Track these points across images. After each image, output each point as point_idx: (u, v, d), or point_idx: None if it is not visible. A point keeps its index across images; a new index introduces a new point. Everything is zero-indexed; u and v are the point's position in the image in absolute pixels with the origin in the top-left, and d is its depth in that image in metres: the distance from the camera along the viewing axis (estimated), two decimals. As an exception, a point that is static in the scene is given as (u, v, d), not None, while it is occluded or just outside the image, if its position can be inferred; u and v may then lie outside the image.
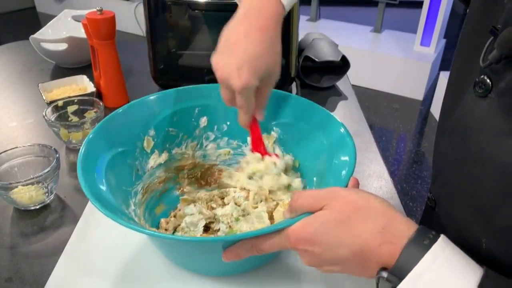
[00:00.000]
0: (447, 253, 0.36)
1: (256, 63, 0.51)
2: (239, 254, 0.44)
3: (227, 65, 0.51)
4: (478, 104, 0.40)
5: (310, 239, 0.39)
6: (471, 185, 0.41)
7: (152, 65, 0.93)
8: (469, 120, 0.41)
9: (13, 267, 0.55)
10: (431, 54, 2.82)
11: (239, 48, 0.51)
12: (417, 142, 2.45)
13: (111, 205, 0.48)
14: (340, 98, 0.99)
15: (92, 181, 0.49)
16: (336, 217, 0.39)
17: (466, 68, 0.45)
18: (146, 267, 0.54)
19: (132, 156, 0.59)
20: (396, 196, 0.68)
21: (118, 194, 0.53)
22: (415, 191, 2.04)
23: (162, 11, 0.88)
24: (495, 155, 0.37)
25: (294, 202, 0.42)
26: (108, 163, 0.53)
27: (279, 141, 0.64)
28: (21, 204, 0.63)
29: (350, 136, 0.53)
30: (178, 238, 0.48)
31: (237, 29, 0.53)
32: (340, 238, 0.38)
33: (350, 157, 0.50)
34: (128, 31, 3.68)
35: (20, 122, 0.88)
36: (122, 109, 0.60)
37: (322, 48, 1.02)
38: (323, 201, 0.40)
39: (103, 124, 0.57)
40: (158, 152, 0.63)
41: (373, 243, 0.37)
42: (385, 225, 0.38)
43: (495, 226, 0.39)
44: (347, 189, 0.42)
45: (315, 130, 0.59)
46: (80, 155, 0.50)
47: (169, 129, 0.64)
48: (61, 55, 1.08)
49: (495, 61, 0.37)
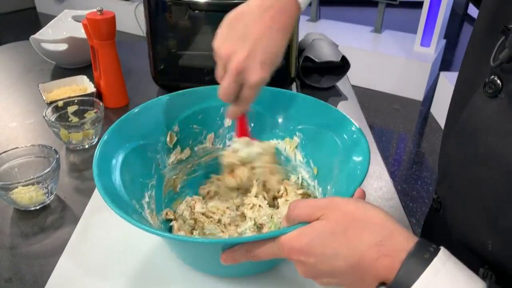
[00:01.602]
0: (448, 267, 0.34)
1: (275, 60, 0.52)
2: (235, 258, 0.44)
3: (249, 57, 0.51)
4: (487, 104, 0.40)
5: (304, 249, 0.39)
6: (479, 185, 0.41)
7: (152, 65, 0.93)
8: (477, 121, 0.41)
9: (13, 268, 0.55)
10: (431, 54, 2.82)
11: (263, 42, 0.51)
12: (417, 143, 2.45)
13: (122, 201, 0.48)
14: (340, 99, 0.99)
15: (107, 175, 0.49)
16: (332, 227, 0.38)
17: (476, 69, 0.44)
18: (146, 267, 0.54)
19: (153, 150, 0.60)
20: (396, 197, 0.68)
21: (133, 186, 0.53)
22: (415, 192, 2.04)
23: (162, 11, 0.88)
24: (504, 155, 0.37)
25: (291, 212, 0.41)
26: (126, 154, 0.54)
27: (301, 146, 0.64)
28: (21, 204, 0.63)
29: (367, 142, 0.52)
30: (179, 238, 0.48)
31: (258, 22, 0.52)
32: (336, 250, 0.37)
33: (362, 167, 0.49)
34: (128, 31, 3.68)
35: (20, 122, 0.88)
36: (144, 105, 0.61)
37: (322, 48, 1.02)
38: (320, 211, 0.39)
39: (126, 117, 0.58)
40: (180, 148, 0.64)
41: (370, 256, 0.36)
42: (383, 237, 0.36)
43: (502, 227, 0.39)
44: (345, 199, 0.41)
45: (336, 138, 0.58)
46: (99, 145, 0.51)
47: (193, 126, 0.65)
48: (61, 55, 1.08)
49: (506, 60, 0.37)
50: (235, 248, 0.43)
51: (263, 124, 0.66)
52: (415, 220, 1.78)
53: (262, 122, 0.66)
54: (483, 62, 0.42)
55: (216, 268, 0.52)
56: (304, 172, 0.63)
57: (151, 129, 0.60)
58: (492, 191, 0.39)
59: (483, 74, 0.41)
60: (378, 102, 2.81)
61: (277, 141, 0.65)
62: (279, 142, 0.65)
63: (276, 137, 0.66)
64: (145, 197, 0.56)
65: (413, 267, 0.34)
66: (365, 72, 2.88)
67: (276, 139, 0.66)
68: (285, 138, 0.65)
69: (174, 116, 0.63)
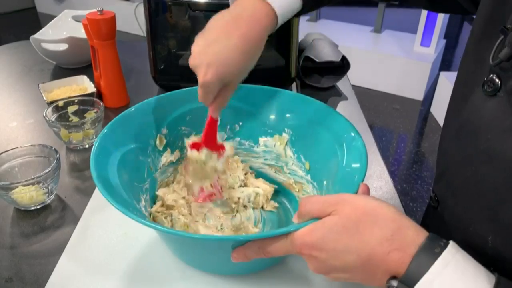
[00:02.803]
0: (458, 258, 0.35)
1: (226, 68, 0.51)
2: (247, 255, 0.44)
3: (200, 56, 0.51)
4: (486, 102, 0.41)
5: (316, 244, 0.39)
6: (478, 182, 0.42)
7: (152, 65, 0.93)
8: (477, 119, 0.42)
9: (13, 267, 0.55)
10: (431, 54, 2.82)
11: (216, 46, 0.51)
12: (417, 143, 2.45)
13: (124, 200, 0.48)
14: (340, 99, 0.99)
15: (105, 176, 0.49)
16: (344, 223, 0.38)
17: (476, 68, 0.45)
18: (146, 267, 0.54)
19: (144, 153, 0.60)
20: (396, 197, 0.68)
21: (130, 190, 0.53)
22: (415, 192, 2.04)
23: (162, 11, 0.88)
24: (503, 152, 0.38)
25: (302, 208, 0.42)
26: (120, 158, 0.54)
27: (291, 142, 0.64)
28: (21, 204, 0.63)
29: (362, 140, 0.53)
30: (188, 235, 0.48)
31: (221, 27, 0.52)
32: (348, 245, 0.38)
33: (361, 161, 0.50)
34: (128, 31, 3.68)
35: (20, 122, 0.88)
36: (135, 107, 0.61)
37: (322, 48, 1.02)
38: (331, 207, 0.40)
39: (117, 121, 0.57)
40: (170, 150, 0.64)
41: (381, 250, 0.37)
42: (394, 231, 0.37)
43: (501, 222, 0.39)
44: (355, 195, 0.42)
45: (327, 133, 0.59)
46: (94, 149, 0.51)
47: (181, 128, 0.65)
48: (61, 55, 1.08)
49: (506, 59, 0.38)
50: (247, 245, 0.44)
51: (251, 122, 0.66)
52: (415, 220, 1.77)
53: (250, 120, 0.66)
54: (481, 62, 0.42)
55: (220, 266, 0.52)
56: (295, 167, 0.64)
57: (141, 133, 0.60)
58: (492, 187, 0.40)
59: (482, 73, 0.41)
60: (378, 102, 2.81)
61: (266, 138, 0.66)
62: (268, 139, 0.66)
63: (265, 135, 0.66)
64: (142, 200, 0.56)
65: (424, 260, 0.35)
66: (365, 72, 2.88)
67: (265, 136, 0.66)
68: (274, 135, 0.65)
69: (162, 118, 0.63)
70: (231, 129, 0.67)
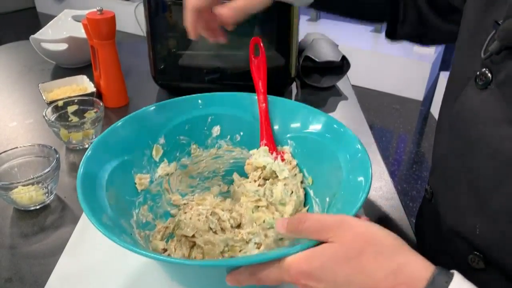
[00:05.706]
0: None
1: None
2: (239, 280, 0.40)
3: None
4: (478, 95, 0.42)
5: (314, 274, 0.36)
6: (468, 173, 0.43)
7: (152, 65, 0.93)
8: (469, 111, 0.43)
9: (13, 268, 0.55)
10: (431, 54, 2.82)
11: None
12: (417, 143, 2.45)
13: (111, 221, 0.45)
14: (340, 98, 0.99)
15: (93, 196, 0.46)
16: (346, 252, 0.35)
17: (468, 63, 0.46)
18: (146, 267, 0.54)
19: (138, 165, 0.57)
20: (396, 197, 0.68)
21: (119, 206, 0.50)
22: (415, 192, 2.04)
23: (162, 11, 0.88)
24: (494, 142, 0.39)
25: (300, 224, 0.39)
26: (110, 173, 0.51)
27: (294, 155, 0.61)
28: (21, 204, 0.63)
29: (367, 155, 0.50)
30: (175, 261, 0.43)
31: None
32: (349, 276, 0.35)
33: (365, 179, 0.47)
34: (128, 31, 3.68)
35: (20, 122, 0.88)
36: (129, 117, 0.57)
37: (323, 48, 1.02)
38: (331, 230, 0.37)
39: (106, 134, 0.54)
40: (167, 161, 0.61)
41: (385, 284, 0.34)
42: (399, 264, 0.34)
43: (489, 210, 0.41)
44: (357, 220, 0.38)
45: (331, 147, 0.56)
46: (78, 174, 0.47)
47: (180, 138, 0.62)
48: (61, 55, 1.08)
49: (496, 52, 0.39)
50: (240, 271, 0.40)
51: (252, 132, 0.63)
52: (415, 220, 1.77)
53: (251, 130, 0.63)
54: (473, 57, 0.44)
55: None
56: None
57: (135, 143, 0.57)
58: (481, 177, 0.41)
59: (474, 68, 0.43)
60: (378, 102, 2.81)
61: None
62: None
63: None
64: (133, 215, 0.53)
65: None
66: (365, 72, 2.88)
67: None
68: (276, 146, 0.62)
69: (159, 128, 0.60)
70: (232, 139, 0.64)
